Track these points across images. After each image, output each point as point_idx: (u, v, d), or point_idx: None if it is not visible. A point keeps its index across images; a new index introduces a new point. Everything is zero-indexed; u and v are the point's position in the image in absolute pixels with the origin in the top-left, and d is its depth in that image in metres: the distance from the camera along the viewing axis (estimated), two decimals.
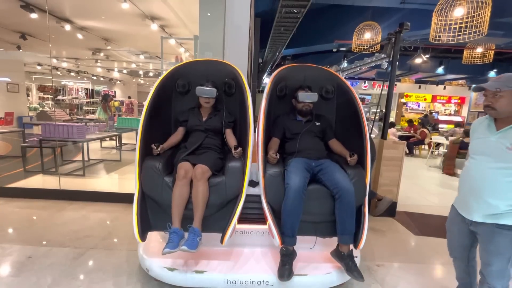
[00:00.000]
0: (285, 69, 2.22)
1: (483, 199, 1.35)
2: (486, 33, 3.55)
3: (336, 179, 1.74)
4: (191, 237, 1.61)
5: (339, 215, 1.73)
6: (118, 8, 4.16)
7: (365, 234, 1.74)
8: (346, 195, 1.69)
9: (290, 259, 1.74)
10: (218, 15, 2.91)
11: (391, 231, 2.91)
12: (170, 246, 1.56)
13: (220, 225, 1.76)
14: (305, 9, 4.90)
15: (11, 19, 5.03)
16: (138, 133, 1.82)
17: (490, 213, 1.34)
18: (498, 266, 1.36)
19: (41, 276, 1.88)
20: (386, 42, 3.30)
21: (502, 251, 1.33)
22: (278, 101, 2.21)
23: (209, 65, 2.19)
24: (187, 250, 1.55)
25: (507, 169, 1.29)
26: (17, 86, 8.18)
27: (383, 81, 3.45)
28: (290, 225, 1.70)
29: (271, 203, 1.81)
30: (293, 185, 1.69)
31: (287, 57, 10.10)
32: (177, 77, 2.14)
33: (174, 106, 2.19)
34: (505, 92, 1.30)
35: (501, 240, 1.32)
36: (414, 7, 5.82)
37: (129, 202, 1.78)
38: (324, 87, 2.20)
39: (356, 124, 1.95)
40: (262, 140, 1.90)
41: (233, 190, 1.78)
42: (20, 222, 2.70)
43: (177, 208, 1.68)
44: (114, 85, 15.02)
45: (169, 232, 1.64)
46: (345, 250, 1.75)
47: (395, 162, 3.15)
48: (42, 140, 4.08)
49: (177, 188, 1.70)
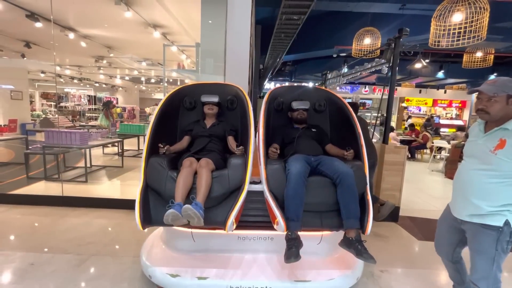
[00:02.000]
0: (279, 89, 2.40)
1: (469, 199, 1.39)
2: (485, 38, 3.58)
3: (335, 166, 1.80)
4: (194, 206, 1.60)
5: (342, 199, 1.73)
6: (121, 17, 4.23)
7: (371, 219, 1.72)
8: (346, 177, 1.72)
9: (296, 242, 1.68)
10: (219, 22, 2.96)
11: (394, 236, 2.90)
12: (175, 208, 1.56)
13: (223, 217, 1.74)
14: (305, 16, 4.97)
15: (17, 28, 5.12)
16: (148, 129, 1.92)
17: (475, 213, 1.37)
18: (481, 265, 1.37)
19: (43, 284, 1.88)
20: (386, 47, 3.33)
21: (485, 250, 1.35)
22: (276, 114, 2.36)
23: (214, 86, 2.39)
24: (193, 211, 1.55)
25: (490, 171, 1.32)
26: (20, 94, 8.28)
27: (383, 86, 3.47)
28: (294, 208, 1.70)
29: (273, 191, 1.81)
30: (294, 169, 1.74)
31: (287, 62, 10.19)
32: (184, 94, 2.32)
33: (180, 119, 2.34)
34: (500, 97, 1.31)
35: (485, 239, 1.35)
36: (413, 13, 5.87)
37: (131, 209, 1.78)
38: (317, 102, 2.36)
39: (348, 126, 2.05)
40: (263, 139, 1.96)
41: (236, 181, 1.80)
42: (23, 229, 2.70)
43: (181, 189, 1.68)
44: (116, 91, 15.15)
45: (170, 207, 1.60)
46: (353, 235, 1.72)
47: (397, 166, 3.15)
48: (45, 146, 4.11)
49: (182, 174, 1.73)
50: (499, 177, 1.31)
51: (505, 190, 1.30)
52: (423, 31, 5.57)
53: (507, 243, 1.32)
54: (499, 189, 1.31)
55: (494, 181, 1.32)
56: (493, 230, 1.32)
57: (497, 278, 1.36)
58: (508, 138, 1.28)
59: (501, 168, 1.29)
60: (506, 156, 1.27)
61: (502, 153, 1.28)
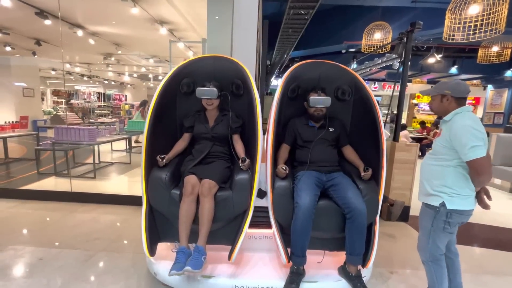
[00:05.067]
0: (299, 67, 2.04)
1: (421, 181, 1.64)
2: (503, 31, 3.41)
3: (348, 198, 1.67)
4: (195, 256, 1.60)
5: (349, 235, 1.68)
6: (128, 13, 4.24)
7: (374, 254, 1.69)
8: (358, 216, 1.63)
9: (299, 279, 1.69)
10: (226, 18, 2.91)
11: (404, 236, 2.82)
12: (177, 268, 1.57)
13: (228, 238, 1.74)
14: (313, 11, 4.86)
15: (27, 26, 5.21)
16: (142, 145, 1.79)
17: (424, 193, 1.61)
18: (421, 238, 1.64)
19: (51, 278, 1.90)
20: (397, 42, 3.22)
21: (424, 226, 1.61)
22: (290, 102, 2.05)
23: (216, 63, 2.04)
24: (191, 271, 1.55)
25: (433, 156, 1.59)
26: (32, 91, 8.46)
27: (394, 82, 3.37)
28: (300, 245, 1.67)
29: (279, 220, 1.76)
30: (303, 205, 1.63)
31: (295, 59, 10.06)
32: (183, 77, 2.02)
33: (178, 108, 2.08)
34: (436, 96, 1.60)
35: (425, 217, 1.61)
36: (426, 5, 5.68)
37: (138, 205, 1.79)
38: (340, 88, 2.02)
39: (372, 133, 1.83)
40: (272, 149, 1.80)
41: (240, 206, 1.74)
42: (33, 224, 2.75)
43: (184, 226, 1.68)
44: (125, 89, 15.33)
45: (176, 252, 1.64)
46: (353, 271, 1.71)
47: (408, 165, 3.06)
48: (55, 143, 4.17)
49: (184, 205, 1.69)
50: (437, 160, 1.56)
51: (444, 173, 1.52)
52: (436, 25, 5.38)
53: (443, 223, 1.51)
54: (437, 171, 1.54)
55: (434, 163, 1.57)
56: (432, 209, 1.55)
57: (433, 253, 1.58)
58: (444, 127, 1.55)
59: (438, 152, 1.56)
60: (440, 142, 1.54)
61: (438, 140, 1.57)
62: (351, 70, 2.10)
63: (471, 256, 2.51)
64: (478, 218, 3.35)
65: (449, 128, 1.49)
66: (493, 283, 2.11)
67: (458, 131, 1.43)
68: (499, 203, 4.09)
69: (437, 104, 1.59)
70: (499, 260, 2.48)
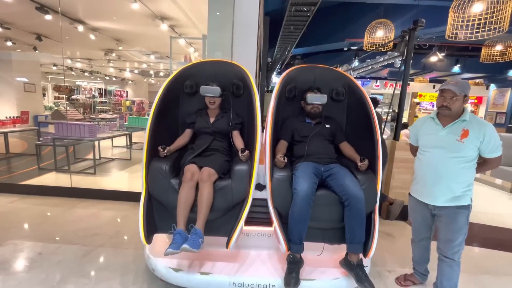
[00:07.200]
0: (294, 70, 2.18)
1: (445, 184, 1.60)
2: (506, 30, 3.37)
3: (345, 185, 1.67)
4: (193, 237, 1.59)
5: (348, 223, 1.67)
6: (128, 9, 4.22)
7: (375, 243, 1.67)
8: (355, 202, 1.63)
9: (297, 267, 1.69)
10: (227, 14, 2.89)
11: (403, 236, 2.81)
12: (173, 247, 1.55)
13: (226, 229, 1.73)
14: (315, 7, 4.82)
15: (27, 21, 5.19)
16: (145, 134, 1.82)
17: (451, 196, 1.60)
18: (459, 241, 1.64)
19: (50, 273, 1.91)
20: (399, 40, 3.19)
21: (461, 228, 1.62)
22: (287, 103, 2.15)
23: (217, 66, 2.17)
24: (189, 249, 1.53)
25: (459, 157, 1.57)
26: (33, 86, 8.46)
27: (396, 80, 3.34)
28: (298, 232, 1.66)
29: (278, 208, 1.76)
30: (301, 191, 1.64)
31: (296, 56, 10.01)
32: (185, 78, 2.13)
33: (181, 107, 2.17)
34: (460, 96, 1.57)
35: (461, 219, 1.61)
36: (429, 3, 5.62)
37: (138, 201, 1.79)
38: (335, 89, 2.13)
39: (367, 127, 1.88)
40: (270, 142, 1.85)
41: (239, 194, 1.75)
42: (33, 219, 2.76)
43: (183, 211, 1.67)
44: (126, 85, 15.32)
45: (173, 234, 1.63)
46: (355, 260, 1.69)
47: (408, 164, 3.05)
48: (55, 138, 4.18)
49: (183, 190, 1.69)
50: (465, 161, 1.56)
51: (468, 172, 1.58)
52: (439, 23, 5.33)
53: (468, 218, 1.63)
54: (465, 173, 1.58)
55: (462, 165, 1.57)
56: (465, 209, 1.59)
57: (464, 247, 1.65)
58: (470, 128, 1.55)
59: (466, 154, 1.55)
60: (471, 143, 1.53)
61: (468, 141, 1.54)
62: (344, 72, 2.22)
63: (471, 256, 2.50)
64: (478, 218, 3.34)
65: (478, 127, 1.54)
66: (493, 283, 2.11)
67: (492, 130, 1.53)
68: (499, 203, 4.08)
69: (460, 104, 1.59)
70: (498, 260, 2.48)
